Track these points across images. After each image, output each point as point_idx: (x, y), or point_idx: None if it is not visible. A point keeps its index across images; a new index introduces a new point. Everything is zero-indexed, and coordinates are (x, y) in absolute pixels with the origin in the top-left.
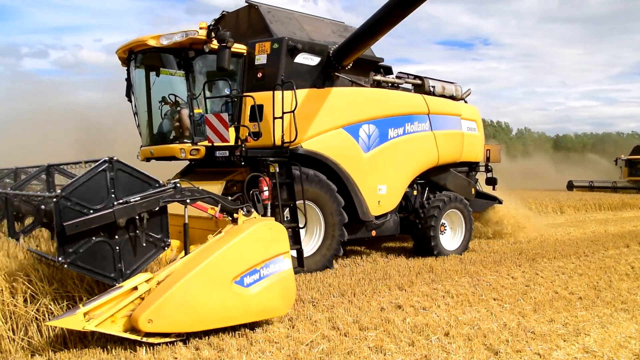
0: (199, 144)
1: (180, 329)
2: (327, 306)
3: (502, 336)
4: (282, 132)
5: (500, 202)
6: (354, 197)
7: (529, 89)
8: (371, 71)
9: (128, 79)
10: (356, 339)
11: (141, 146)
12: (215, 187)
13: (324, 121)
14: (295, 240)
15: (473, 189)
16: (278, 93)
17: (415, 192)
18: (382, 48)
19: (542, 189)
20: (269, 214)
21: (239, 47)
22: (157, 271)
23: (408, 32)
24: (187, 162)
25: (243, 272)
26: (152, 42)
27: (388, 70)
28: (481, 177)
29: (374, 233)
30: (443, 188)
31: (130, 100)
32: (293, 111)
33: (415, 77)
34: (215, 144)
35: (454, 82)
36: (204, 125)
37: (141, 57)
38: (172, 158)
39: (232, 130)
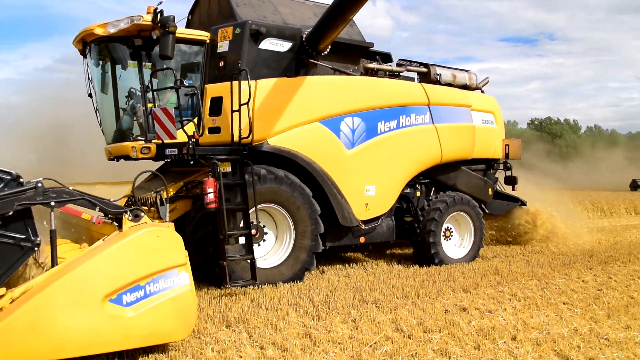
0: (153, 141)
1: (31, 357)
2: (391, 307)
3: (573, 342)
4: (240, 127)
5: (523, 204)
6: (332, 200)
7: (599, 84)
8: (361, 58)
9: (86, 73)
10: (420, 342)
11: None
12: (171, 189)
13: (296, 114)
14: (248, 249)
15: (490, 189)
16: (236, 83)
17: (418, 193)
18: (442, 46)
19: (606, 189)
20: (166, 219)
21: (200, 34)
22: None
23: (471, 29)
24: (163, 162)
25: (121, 289)
26: (100, 31)
27: (387, 58)
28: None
29: (362, 240)
30: (453, 188)
31: (90, 96)
32: (247, 103)
33: (420, 64)
34: (165, 141)
35: (469, 69)
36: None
37: (96, 48)
38: (129, 157)
39: (191, 125)
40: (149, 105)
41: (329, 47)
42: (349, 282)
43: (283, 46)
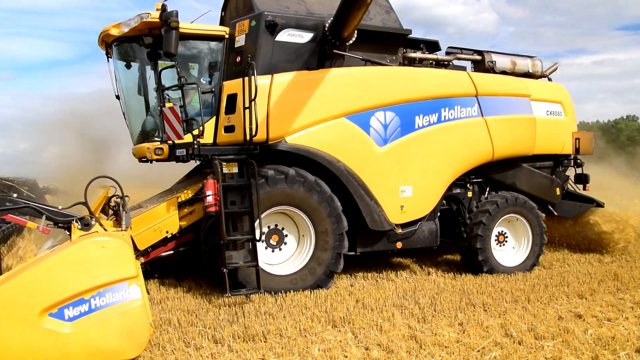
0: (167, 142)
1: None
2: (500, 312)
3: None
4: (250, 124)
5: (599, 206)
6: (359, 202)
7: None
8: (399, 47)
9: (111, 74)
10: (532, 348)
11: None
12: (190, 191)
13: (318, 110)
14: (253, 255)
15: (558, 189)
16: (246, 79)
17: (470, 194)
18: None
19: None
20: (123, 226)
21: (218, 29)
22: None
23: (582, 19)
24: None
25: (62, 302)
26: (115, 32)
27: (433, 46)
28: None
29: (399, 245)
30: (511, 188)
31: (117, 98)
32: (254, 99)
33: (474, 51)
34: (175, 142)
35: (533, 56)
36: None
37: (116, 49)
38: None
39: (209, 125)
40: (169, 104)
41: (355, 35)
42: (455, 285)
43: (303, 37)
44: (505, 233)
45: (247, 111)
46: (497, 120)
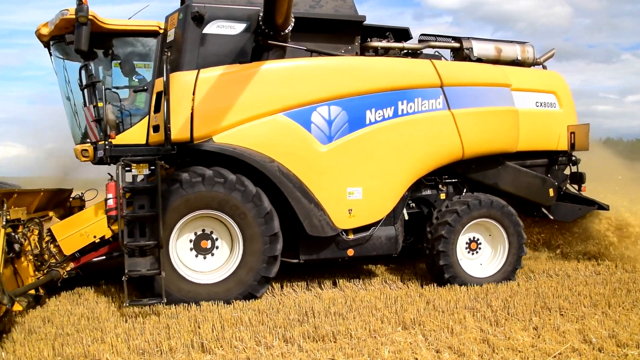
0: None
1: None
2: (577, 317)
3: None
4: (166, 123)
5: (602, 208)
6: (295, 205)
7: None
8: (356, 36)
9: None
10: (613, 356)
11: None
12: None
13: (249, 106)
14: (152, 263)
15: (551, 190)
16: (174, 75)
17: (442, 196)
18: (630, 30)
19: None
20: None
21: (149, 25)
22: None
23: None
24: None
25: None
26: (45, 30)
27: (403, 35)
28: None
29: (350, 252)
30: (493, 189)
31: (68, 99)
32: (166, 96)
33: (452, 38)
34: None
35: (525, 41)
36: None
37: (53, 48)
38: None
39: (140, 126)
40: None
41: (291, 24)
42: (529, 287)
43: (234, 29)
44: (478, 240)
45: (167, 109)
46: (467, 114)
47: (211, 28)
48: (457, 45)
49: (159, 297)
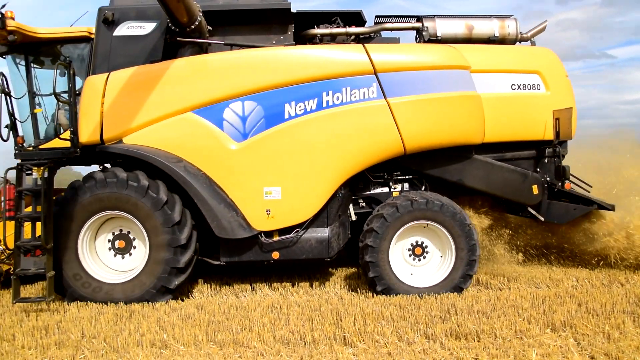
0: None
1: None
2: None
3: None
4: (73, 127)
5: (604, 208)
6: (201, 206)
7: None
8: (288, 25)
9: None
10: None
11: None
12: None
13: (158, 105)
14: (46, 263)
15: (535, 186)
16: (87, 79)
17: (395, 194)
18: None
19: None
20: None
21: (78, 31)
22: None
23: None
24: None
25: None
26: None
27: (355, 19)
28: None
29: (275, 255)
30: (458, 186)
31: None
32: (71, 101)
33: (412, 17)
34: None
35: (508, 15)
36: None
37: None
38: None
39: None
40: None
41: (197, 19)
42: None
43: (144, 28)
44: (423, 244)
45: (75, 113)
46: (407, 103)
47: (121, 30)
48: (418, 25)
49: (48, 296)
